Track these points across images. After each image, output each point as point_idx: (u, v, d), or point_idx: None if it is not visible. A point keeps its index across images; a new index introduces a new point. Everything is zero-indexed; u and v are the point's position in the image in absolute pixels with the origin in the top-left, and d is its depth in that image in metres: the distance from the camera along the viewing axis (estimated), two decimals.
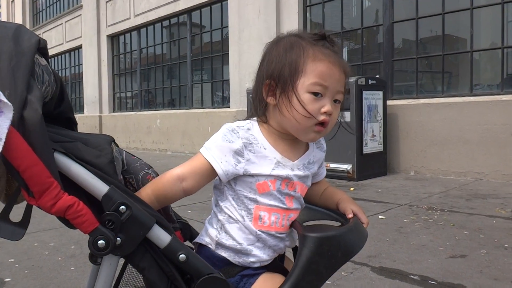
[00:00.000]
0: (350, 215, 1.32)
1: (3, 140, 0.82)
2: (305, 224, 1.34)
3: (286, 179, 1.25)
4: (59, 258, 3.19)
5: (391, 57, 7.54)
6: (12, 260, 3.15)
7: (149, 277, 1.06)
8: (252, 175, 1.22)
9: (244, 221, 1.24)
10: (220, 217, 1.27)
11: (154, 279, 1.06)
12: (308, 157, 1.32)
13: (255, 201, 1.24)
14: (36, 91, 0.91)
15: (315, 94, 1.20)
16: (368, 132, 6.57)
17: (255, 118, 1.30)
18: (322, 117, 1.20)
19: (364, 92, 6.47)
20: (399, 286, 2.56)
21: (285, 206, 1.26)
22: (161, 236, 1.06)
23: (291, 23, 8.71)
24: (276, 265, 1.31)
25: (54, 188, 0.91)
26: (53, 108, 1.14)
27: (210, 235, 1.27)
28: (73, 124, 1.27)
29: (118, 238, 1.01)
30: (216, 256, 1.25)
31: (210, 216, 1.34)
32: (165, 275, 1.08)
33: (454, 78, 7.41)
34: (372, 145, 6.66)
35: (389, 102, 7.09)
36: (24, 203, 1.00)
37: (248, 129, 1.25)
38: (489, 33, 6.96)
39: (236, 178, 1.24)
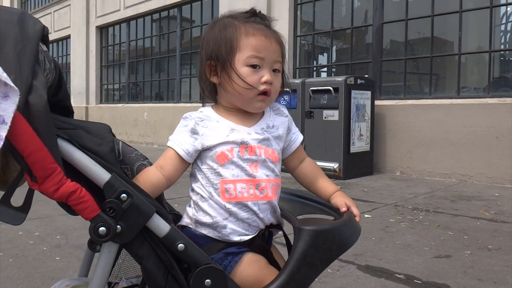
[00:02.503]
0: (344, 208, 1.35)
1: (9, 124, 0.82)
2: (299, 217, 1.36)
3: (243, 144, 1.30)
4: (44, 248, 3.16)
5: (380, 57, 7.59)
6: None
7: (146, 265, 1.07)
8: (210, 148, 1.29)
9: (212, 196, 1.29)
10: (194, 198, 1.33)
11: (151, 267, 1.07)
12: (265, 122, 1.38)
13: (219, 174, 1.29)
14: (41, 77, 0.91)
15: (253, 66, 1.29)
16: (356, 132, 6.61)
17: (207, 105, 1.41)
18: (262, 87, 1.29)
19: (353, 91, 6.50)
20: (385, 285, 2.59)
21: (249, 173, 1.29)
22: (160, 225, 1.07)
23: (282, 20, 8.71)
24: (260, 246, 1.33)
25: (57, 173, 0.91)
26: (51, 95, 1.14)
27: (189, 215, 1.34)
28: (69, 113, 1.27)
29: (118, 226, 1.02)
30: (198, 235, 1.29)
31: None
32: (162, 264, 1.09)
33: (441, 80, 7.49)
34: (359, 144, 6.70)
35: (377, 102, 7.13)
36: (24, 187, 1.01)
37: (201, 111, 1.36)
38: (477, 37, 7.05)
39: (200, 157, 1.32)
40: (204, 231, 1.29)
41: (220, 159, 1.28)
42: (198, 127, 1.30)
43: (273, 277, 1.18)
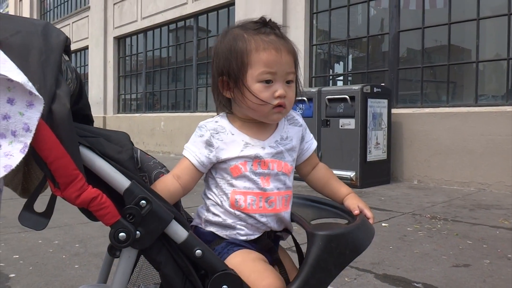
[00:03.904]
0: (357, 211, 1.36)
1: (33, 131, 0.85)
2: (312, 222, 1.36)
3: (256, 159, 1.31)
4: (64, 256, 3.20)
5: (397, 65, 7.56)
6: (17, 256, 3.16)
7: (165, 271, 1.09)
8: (225, 161, 1.30)
9: (223, 205, 1.31)
10: (206, 201, 1.36)
11: (170, 273, 1.09)
12: (279, 134, 1.38)
13: (231, 185, 1.31)
14: (64, 86, 0.93)
15: (266, 81, 1.27)
16: (372, 140, 6.58)
17: (224, 113, 1.39)
18: (276, 101, 1.28)
19: (369, 100, 6.49)
20: None
21: (260, 187, 1.31)
22: (178, 232, 1.09)
23: (298, 29, 8.74)
24: (265, 243, 1.35)
25: (79, 180, 0.93)
26: (72, 104, 1.17)
27: (200, 216, 1.37)
28: (89, 121, 1.30)
29: (137, 232, 1.03)
30: (206, 232, 1.32)
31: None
32: (180, 270, 1.11)
33: (458, 88, 7.43)
34: (376, 153, 6.67)
35: (393, 111, 7.10)
36: (47, 193, 1.03)
37: (216, 121, 1.35)
38: (495, 44, 6.98)
39: (215, 167, 1.33)
40: (213, 229, 1.32)
41: (234, 172, 1.30)
42: (214, 139, 1.30)
43: (264, 272, 1.20)
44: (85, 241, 3.56)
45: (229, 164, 1.30)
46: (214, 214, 1.32)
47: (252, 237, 1.31)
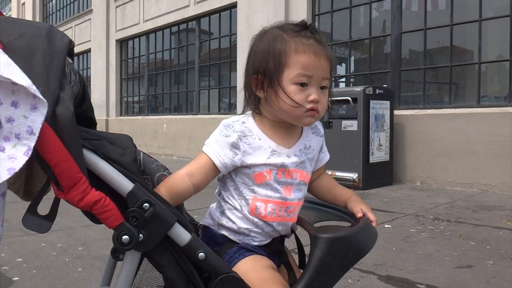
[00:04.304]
0: (360, 214, 1.36)
1: (37, 135, 0.85)
2: (315, 225, 1.37)
3: (281, 168, 1.30)
4: (67, 259, 3.20)
5: (399, 67, 7.56)
6: (20, 259, 3.17)
7: (168, 274, 1.09)
8: (249, 166, 1.28)
9: (242, 210, 1.30)
10: (222, 204, 1.34)
11: (173, 276, 1.09)
12: (303, 143, 1.37)
13: (252, 191, 1.30)
14: (67, 89, 0.94)
15: (301, 84, 1.25)
16: (375, 142, 6.58)
17: (250, 112, 1.37)
18: (309, 105, 1.26)
19: (372, 102, 6.48)
20: None
21: (281, 196, 1.31)
22: (181, 234, 1.09)
23: None
24: (275, 246, 1.36)
25: (82, 183, 0.94)
26: (76, 107, 1.17)
27: (212, 218, 1.36)
28: (92, 124, 1.30)
29: (140, 235, 1.04)
30: (218, 235, 1.32)
31: (214, 203, 1.41)
32: (183, 273, 1.11)
33: (461, 89, 7.42)
34: (379, 154, 6.66)
35: (396, 112, 7.10)
36: (50, 196, 1.03)
37: (243, 122, 1.32)
38: (497, 45, 6.98)
39: (236, 170, 1.31)
40: (225, 232, 1.32)
41: (257, 179, 1.29)
42: (241, 142, 1.28)
43: (271, 280, 1.20)
44: (88, 244, 3.56)
45: (254, 170, 1.29)
46: (229, 219, 1.31)
47: (264, 243, 1.33)
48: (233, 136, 1.28)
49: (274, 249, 1.35)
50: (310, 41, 1.27)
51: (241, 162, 1.28)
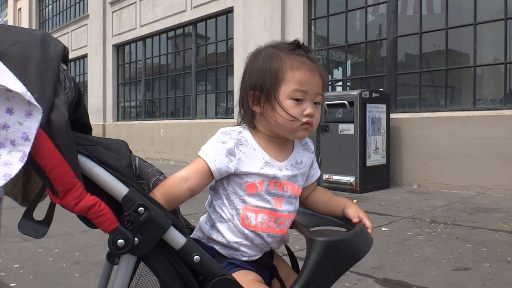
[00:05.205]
0: (356, 219, 1.37)
1: (32, 141, 0.86)
2: (311, 229, 1.38)
3: (273, 179, 1.33)
4: (64, 265, 3.20)
5: (395, 70, 7.59)
6: (17, 265, 3.17)
7: (164, 278, 1.10)
8: (242, 175, 1.31)
9: (233, 219, 1.31)
10: (213, 216, 1.36)
11: (168, 280, 1.10)
12: (295, 158, 1.40)
13: (243, 201, 1.31)
14: (62, 96, 0.95)
15: (297, 99, 1.30)
16: (372, 145, 6.60)
17: (245, 125, 1.40)
18: (305, 119, 1.31)
19: (368, 105, 6.51)
20: None
21: (271, 207, 1.32)
22: (176, 238, 1.10)
23: (296, 35, 8.71)
24: (265, 262, 1.38)
25: (77, 188, 0.94)
26: (71, 113, 1.18)
27: (202, 231, 1.37)
28: (88, 129, 1.31)
29: (136, 238, 1.04)
30: (208, 247, 1.33)
31: (204, 215, 1.43)
32: (179, 276, 1.12)
33: (457, 92, 7.45)
34: (375, 157, 6.68)
35: (392, 115, 7.13)
36: (46, 201, 1.04)
37: (240, 132, 1.36)
38: (492, 49, 7.01)
39: (228, 179, 1.33)
40: (216, 246, 1.34)
41: (249, 189, 1.31)
42: (237, 150, 1.31)
43: None
44: (85, 250, 3.56)
45: (246, 180, 1.31)
46: (219, 232, 1.33)
47: (254, 258, 1.34)
48: (230, 143, 1.31)
49: (263, 265, 1.36)
50: (304, 59, 1.33)
51: (235, 169, 1.30)
